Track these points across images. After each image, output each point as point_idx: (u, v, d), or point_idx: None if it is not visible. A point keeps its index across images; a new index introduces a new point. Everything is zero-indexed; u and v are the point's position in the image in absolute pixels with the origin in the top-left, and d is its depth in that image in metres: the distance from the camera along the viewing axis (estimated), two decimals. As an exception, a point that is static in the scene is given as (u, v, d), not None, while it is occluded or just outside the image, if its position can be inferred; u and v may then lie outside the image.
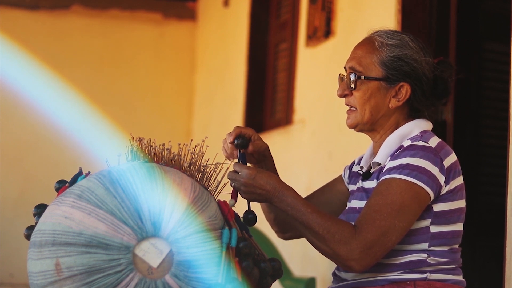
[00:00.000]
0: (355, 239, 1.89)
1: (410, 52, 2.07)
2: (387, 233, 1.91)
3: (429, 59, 2.10)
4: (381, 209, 1.92)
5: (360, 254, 1.89)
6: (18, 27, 6.23)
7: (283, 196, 1.95)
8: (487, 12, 3.78)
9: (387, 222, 1.91)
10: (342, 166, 2.36)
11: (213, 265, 1.74)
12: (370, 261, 1.91)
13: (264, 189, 1.95)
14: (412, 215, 1.95)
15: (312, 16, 4.56)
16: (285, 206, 1.95)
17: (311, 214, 1.92)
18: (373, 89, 2.08)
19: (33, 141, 6.21)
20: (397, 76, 2.06)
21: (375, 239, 1.90)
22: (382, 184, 1.96)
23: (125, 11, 6.51)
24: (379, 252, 1.91)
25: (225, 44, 6.15)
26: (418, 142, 2.00)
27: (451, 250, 2.03)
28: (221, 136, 2.10)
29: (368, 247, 1.89)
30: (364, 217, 1.92)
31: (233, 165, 1.99)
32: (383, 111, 2.09)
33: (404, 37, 2.10)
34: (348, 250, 1.89)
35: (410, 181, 1.94)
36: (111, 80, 6.51)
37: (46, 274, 1.73)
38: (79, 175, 1.91)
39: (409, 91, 2.07)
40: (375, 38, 2.10)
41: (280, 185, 1.96)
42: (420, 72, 2.07)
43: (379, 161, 2.07)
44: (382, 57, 2.07)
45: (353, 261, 1.90)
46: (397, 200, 1.92)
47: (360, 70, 2.08)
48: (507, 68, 2.65)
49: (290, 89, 5.09)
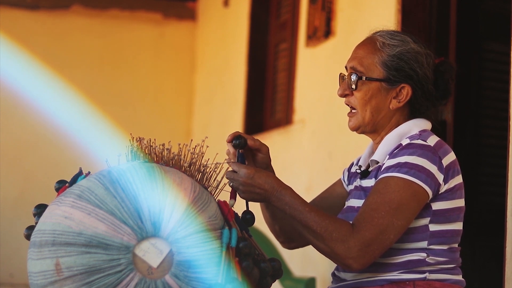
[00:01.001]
0: (353, 237, 1.89)
1: (412, 53, 2.07)
2: (385, 231, 1.91)
3: (430, 60, 2.09)
4: (379, 207, 1.91)
5: (358, 252, 1.89)
6: (18, 27, 6.23)
7: (281, 195, 1.95)
8: (487, 12, 3.78)
9: (385, 220, 1.91)
10: (342, 166, 2.36)
11: (213, 265, 1.74)
12: (368, 259, 1.91)
13: (263, 188, 1.95)
14: (410, 214, 1.94)
15: (312, 16, 4.56)
16: (283, 205, 1.95)
17: (308, 213, 1.92)
18: (374, 90, 2.07)
19: (33, 141, 6.21)
20: (398, 77, 2.06)
21: (373, 237, 1.90)
22: (380, 182, 1.96)
23: (125, 11, 6.51)
24: (377, 251, 1.91)
25: (225, 44, 6.15)
26: (417, 140, 2.00)
27: (450, 249, 2.03)
28: (221, 136, 2.10)
29: (366, 245, 1.89)
30: (362, 215, 1.92)
31: (231, 164, 1.99)
32: (383, 112, 2.09)
33: (406, 37, 2.09)
34: (346, 248, 1.89)
35: (408, 179, 1.94)
36: (111, 80, 6.51)
37: (46, 274, 1.73)
38: (79, 175, 1.91)
39: (410, 92, 2.07)
40: (376, 39, 2.10)
41: (278, 184, 1.96)
42: (421, 73, 2.07)
43: (377, 159, 2.07)
44: (384, 58, 2.07)
45: (351, 259, 1.90)
46: (395, 198, 1.92)
47: (361, 70, 2.08)
48: (507, 68, 2.65)
49: (290, 89, 5.09)
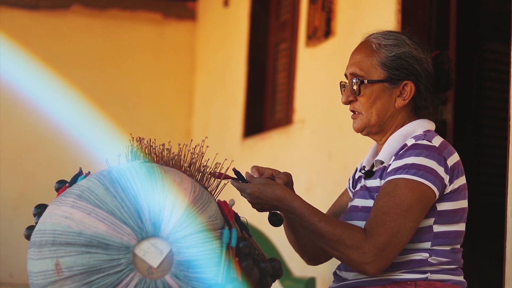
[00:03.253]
0: (367, 242, 1.89)
1: (409, 49, 2.06)
2: (398, 234, 1.90)
3: (427, 54, 2.09)
4: (390, 210, 1.91)
5: (374, 257, 1.89)
6: (18, 27, 6.23)
7: (290, 208, 1.96)
8: (487, 12, 3.78)
9: (397, 223, 1.90)
10: (342, 166, 2.36)
11: (213, 265, 1.74)
12: (384, 263, 1.91)
13: (271, 204, 1.96)
14: (420, 215, 1.95)
15: (312, 16, 4.56)
16: (294, 217, 1.97)
17: (319, 223, 1.93)
18: (377, 91, 2.07)
19: (33, 141, 6.21)
20: (400, 76, 2.06)
21: (387, 241, 1.89)
22: (389, 185, 1.96)
23: (125, 11, 6.51)
24: (392, 254, 1.91)
25: (225, 44, 6.15)
26: (422, 141, 2.00)
27: (453, 250, 2.03)
28: (221, 136, 2.10)
29: (380, 249, 1.89)
30: (374, 220, 1.92)
31: (233, 185, 1.99)
32: (390, 112, 2.08)
33: (400, 35, 2.09)
34: (361, 254, 1.89)
35: (417, 180, 1.93)
36: (111, 80, 6.50)
37: (46, 274, 1.73)
38: (79, 175, 1.91)
39: (413, 88, 2.07)
40: (371, 41, 2.09)
41: (285, 196, 1.96)
42: (421, 68, 2.07)
43: (382, 159, 2.06)
44: (382, 59, 2.06)
45: (367, 264, 1.89)
46: (405, 200, 1.92)
47: (361, 74, 2.07)
48: (507, 68, 2.65)
49: (290, 89, 5.09)
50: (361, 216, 2.04)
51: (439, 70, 2.10)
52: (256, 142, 5.43)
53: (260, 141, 5.37)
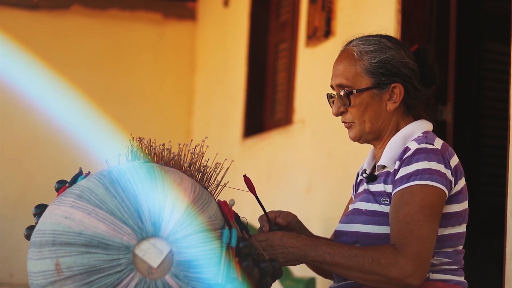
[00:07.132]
0: (402, 256, 1.86)
1: (391, 52, 2.05)
2: (428, 238, 1.89)
3: (409, 53, 2.08)
4: (413, 218, 1.89)
5: (413, 268, 1.86)
6: (18, 27, 6.23)
7: (309, 257, 1.92)
8: (487, 12, 3.78)
9: (425, 229, 1.89)
10: (342, 166, 2.36)
11: (213, 265, 1.74)
12: (424, 271, 1.88)
13: (292, 253, 1.93)
14: (440, 217, 1.94)
15: (312, 16, 4.56)
16: (320, 262, 1.92)
17: (344, 258, 1.89)
18: (367, 99, 2.06)
19: (33, 141, 6.21)
20: (387, 80, 2.04)
21: (420, 249, 1.87)
22: (404, 193, 1.94)
23: (125, 11, 6.51)
24: (429, 259, 1.89)
25: (225, 44, 6.15)
26: (426, 145, 1.98)
27: (455, 252, 2.03)
28: (221, 136, 2.10)
29: (417, 259, 1.86)
30: (400, 232, 1.89)
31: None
32: (383, 117, 2.07)
33: (380, 39, 2.07)
34: (399, 269, 1.86)
35: (432, 185, 1.92)
36: (111, 80, 6.51)
37: (46, 274, 1.73)
38: (79, 175, 1.91)
39: (402, 90, 2.05)
40: (352, 49, 2.08)
41: (306, 243, 1.93)
42: (406, 69, 2.05)
43: (385, 164, 2.05)
44: (366, 66, 2.05)
45: (409, 278, 1.86)
46: (426, 204, 1.91)
47: (348, 84, 2.06)
48: (507, 68, 2.65)
49: (290, 89, 5.09)
50: (365, 219, 2.03)
51: (423, 66, 2.09)
52: (256, 142, 5.43)
53: (260, 141, 5.37)
